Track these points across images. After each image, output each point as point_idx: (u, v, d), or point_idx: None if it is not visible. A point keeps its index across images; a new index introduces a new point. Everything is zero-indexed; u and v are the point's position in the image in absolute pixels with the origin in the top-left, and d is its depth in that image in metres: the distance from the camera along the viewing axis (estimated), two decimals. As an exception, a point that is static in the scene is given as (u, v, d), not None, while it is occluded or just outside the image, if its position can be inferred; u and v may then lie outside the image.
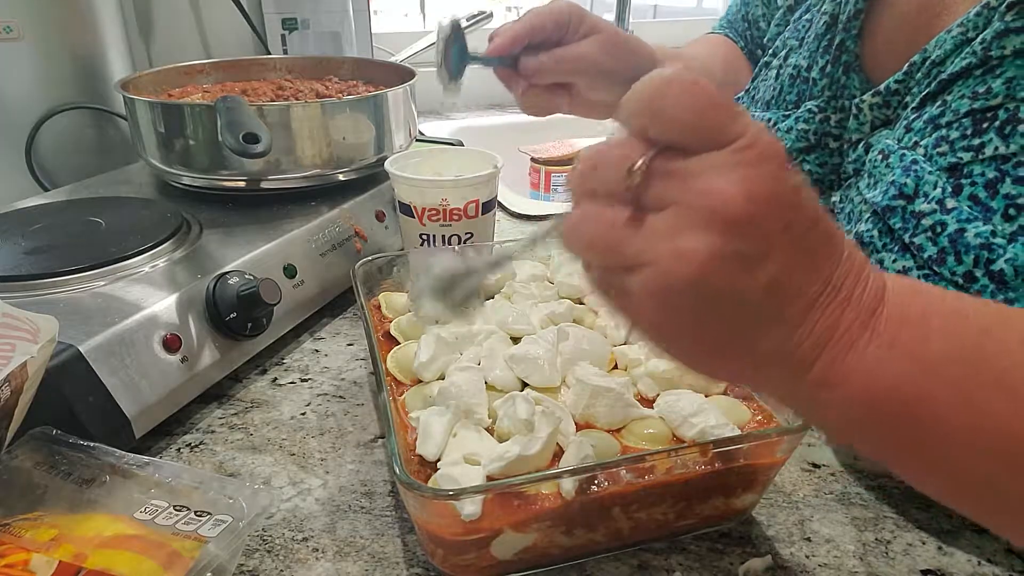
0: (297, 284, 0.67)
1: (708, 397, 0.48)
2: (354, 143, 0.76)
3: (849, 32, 0.59)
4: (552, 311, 0.57)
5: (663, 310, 0.30)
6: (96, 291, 0.56)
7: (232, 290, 0.59)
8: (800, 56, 0.63)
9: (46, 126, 0.86)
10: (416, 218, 0.69)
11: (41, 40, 0.84)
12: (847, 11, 0.59)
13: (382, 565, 0.45)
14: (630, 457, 0.42)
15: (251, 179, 0.74)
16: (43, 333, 0.43)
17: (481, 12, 1.22)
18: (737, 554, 0.46)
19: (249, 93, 0.84)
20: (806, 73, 0.62)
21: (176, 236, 0.64)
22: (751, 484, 0.46)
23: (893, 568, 0.45)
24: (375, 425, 0.58)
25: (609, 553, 0.45)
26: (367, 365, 0.66)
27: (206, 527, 0.40)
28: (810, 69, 0.62)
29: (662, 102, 0.28)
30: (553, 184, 1.33)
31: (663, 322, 0.31)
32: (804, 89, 0.62)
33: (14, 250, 0.61)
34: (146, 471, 0.44)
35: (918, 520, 0.49)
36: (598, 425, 0.46)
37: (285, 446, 0.55)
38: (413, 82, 0.83)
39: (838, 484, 0.52)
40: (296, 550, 0.46)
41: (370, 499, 0.50)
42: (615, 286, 0.31)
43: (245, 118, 0.65)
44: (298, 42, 1.14)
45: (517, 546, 0.42)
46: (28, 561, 0.37)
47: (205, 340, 0.58)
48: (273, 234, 0.68)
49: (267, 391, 0.62)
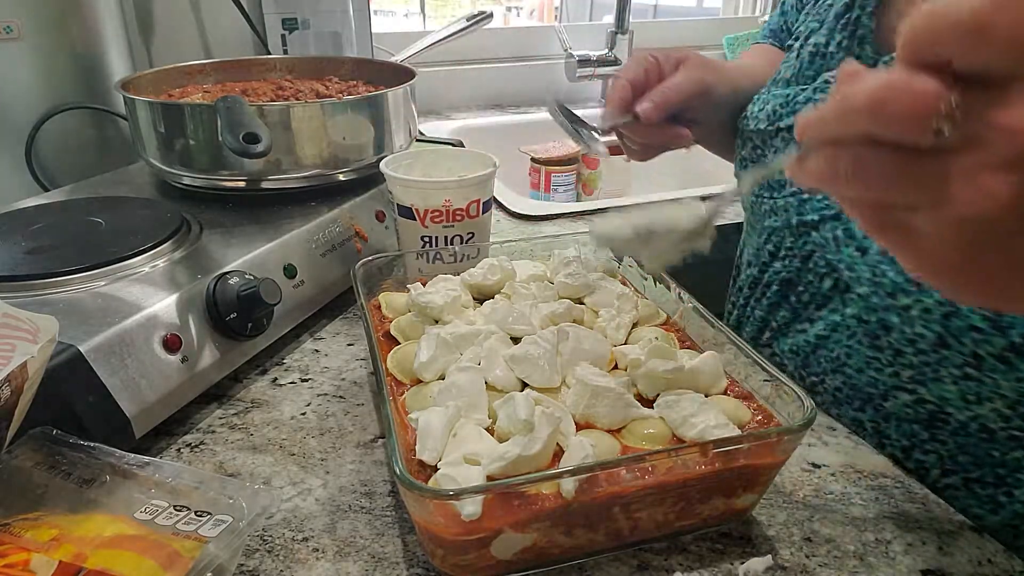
0: (297, 284, 0.67)
1: (708, 397, 0.49)
2: (354, 143, 0.76)
3: (864, 9, 0.61)
4: (552, 311, 0.57)
5: (959, 247, 0.28)
6: (96, 291, 0.56)
7: (232, 290, 0.59)
8: (819, 35, 0.66)
9: (46, 126, 0.86)
10: (418, 220, 0.69)
11: (41, 40, 0.84)
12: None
13: (382, 565, 0.45)
14: (630, 457, 0.42)
15: (251, 179, 0.74)
16: (43, 333, 0.43)
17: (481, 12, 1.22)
18: (737, 554, 0.46)
19: (249, 93, 0.84)
20: (824, 49, 0.65)
21: (176, 236, 0.64)
22: (751, 484, 0.46)
23: (893, 568, 0.45)
24: (375, 425, 0.58)
25: (609, 553, 0.45)
26: (367, 365, 0.66)
27: (206, 527, 0.40)
28: (827, 45, 0.64)
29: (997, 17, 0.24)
30: (553, 184, 1.33)
31: (958, 259, 0.29)
32: (822, 64, 0.65)
33: (14, 250, 0.61)
34: (146, 471, 0.44)
35: (918, 520, 0.49)
36: (598, 425, 0.46)
37: (285, 446, 0.55)
38: (413, 82, 0.83)
39: (838, 484, 0.52)
40: (296, 550, 0.46)
41: (370, 499, 0.50)
42: (899, 224, 0.30)
43: (245, 118, 0.65)
44: (298, 42, 1.14)
45: (517, 546, 0.42)
46: (28, 561, 0.37)
47: (205, 340, 0.58)
48: (273, 234, 0.68)
49: (267, 391, 0.62)
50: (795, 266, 0.65)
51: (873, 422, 0.60)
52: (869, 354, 0.58)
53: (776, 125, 0.67)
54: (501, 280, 0.62)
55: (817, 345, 0.63)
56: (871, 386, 0.59)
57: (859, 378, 0.60)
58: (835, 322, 0.61)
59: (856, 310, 0.59)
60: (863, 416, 0.60)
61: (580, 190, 1.36)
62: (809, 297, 0.64)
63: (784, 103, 0.66)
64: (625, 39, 1.51)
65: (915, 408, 0.56)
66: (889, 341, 0.56)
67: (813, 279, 0.63)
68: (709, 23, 1.85)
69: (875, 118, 0.28)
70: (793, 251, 0.65)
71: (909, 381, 0.56)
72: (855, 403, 0.61)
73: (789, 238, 0.65)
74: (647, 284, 0.63)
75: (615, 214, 0.46)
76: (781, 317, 0.68)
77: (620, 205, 1.03)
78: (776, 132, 0.67)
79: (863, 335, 0.58)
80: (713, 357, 0.50)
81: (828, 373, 0.63)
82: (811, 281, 0.64)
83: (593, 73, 1.53)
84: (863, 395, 0.60)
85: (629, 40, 1.51)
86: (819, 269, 0.62)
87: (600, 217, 0.47)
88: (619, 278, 0.65)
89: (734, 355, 0.51)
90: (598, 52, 1.52)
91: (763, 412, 0.48)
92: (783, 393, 0.46)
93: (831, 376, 0.62)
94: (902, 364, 0.55)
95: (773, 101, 0.67)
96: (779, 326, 0.68)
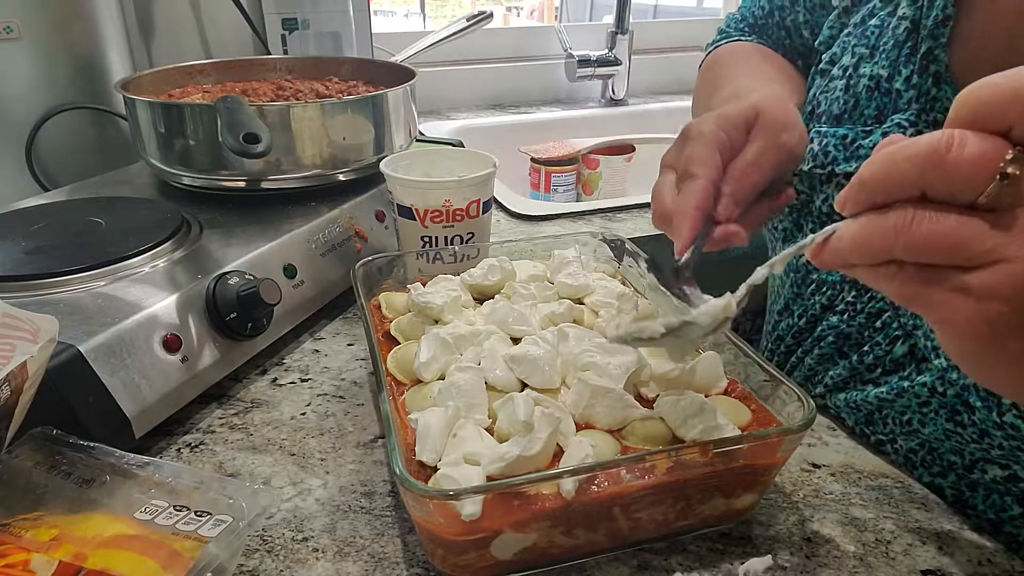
0: (297, 284, 0.67)
1: (708, 397, 0.48)
2: (354, 143, 0.76)
3: (937, 40, 0.53)
4: (552, 311, 0.57)
5: (1011, 310, 0.29)
6: (96, 291, 0.56)
7: (232, 290, 0.59)
8: (877, 66, 0.57)
9: (46, 126, 0.86)
10: (418, 220, 0.69)
11: (41, 40, 0.84)
12: (933, 16, 0.53)
13: (382, 565, 0.45)
14: (630, 457, 0.42)
15: (251, 179, 0.74)
16: (43, 333, 0.43)
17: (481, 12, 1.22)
18: (737, 554, 0.46)
19: (249, 93, 0.84)
20: (887, 84, 0.56)
21: (176, 236, 0.64)
22: (751, 484, 0.46)
23: (893, 568, 0.45)
24: (375, 425, 0.58)
25: (609, 553, 0.45)
26: (367, 365, 0.66)
27: (206, 527, 0.40)
28: (891, 80, 0.56)
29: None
30: (553, 184, 1.33)
31: (1004, 325, 0.29)
32: (886, 102, 0.56)
33: (14, 250, 0.61)
34: (146, 471, 0.44)
35: (918, 520, 0.49)
36: (598, 425, 0.46)
37: (285, 446, 0.55)
38: (413, 82, 0.83)
39: (838, 484, 0.52)
40: (296, 550, 0.46)
41: (370, 499, 0.50)
42: (947, 286, 0.30)
43: (245, 118, 0.66)
44: (298, 42, 1.14)
45: (517, 546, 0.42)
46: (28, 561, 0.37)
47: (205, 340, 0.58)
48: (273, 234, 0.68)
49: (267, 391, 0.62)
50: (857, 322, 0.59)
51: (955, 489, 0.54)
52: (948, 427, 0.52)
53: (830, 169, 0.57)
54: (501, 280, 0.62)
55: (882, 406, 0.57)
56: (955, 454, 0.53)
57: (940, 445, 0.54)
58: (903, 387, 0.55)
59: (930, 380, 0.52)
60: (943, 482, 0.55)
61: (580, 190, 1.37)
62: (874, 360, 0.58)
63: (840, 145, 0.57)
64: (625, 39, 1.51)
65: (1007, 485, 0.51)
66: (973, 420, 0.50)
67: (882, 341, 0.57)
68: (709, 23, 1.85)
69: (936, 168, 0.29)
70: (855, 307, 0.59)
71: (1001, 457, 0.50)
72: (934, 468, 0.55)
73: (850, 293, 0.59)
74: (647, 284, 0.63)
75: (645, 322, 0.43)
76: (837, 374, 0.61)
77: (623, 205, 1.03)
78: (830, 177, 0.58)
79: (939, 407, 0.52)
80: (713, 357, 0.50)
81: (900, 435, 0.56)
82: (879, 343, 0.57)
83: (593, 73, 1.53)
84: (944, 462, 0.54)
85: (629, 40, 1.51)
86: (891, 331, 0.56)
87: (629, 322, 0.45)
88: (619, 278, 0.65)
89: (734, 355, 0.51)
90: (598, 52, 1.52)
91: (763, 412, 0.48)
92: (783, 393, 0.46)
93: (903, 438, 0.56)
94: (990, 444, 0.50)
95: (824, 140, 0.58)
96: (835, 382, 0.62)
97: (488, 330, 0.53)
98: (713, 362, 0.50)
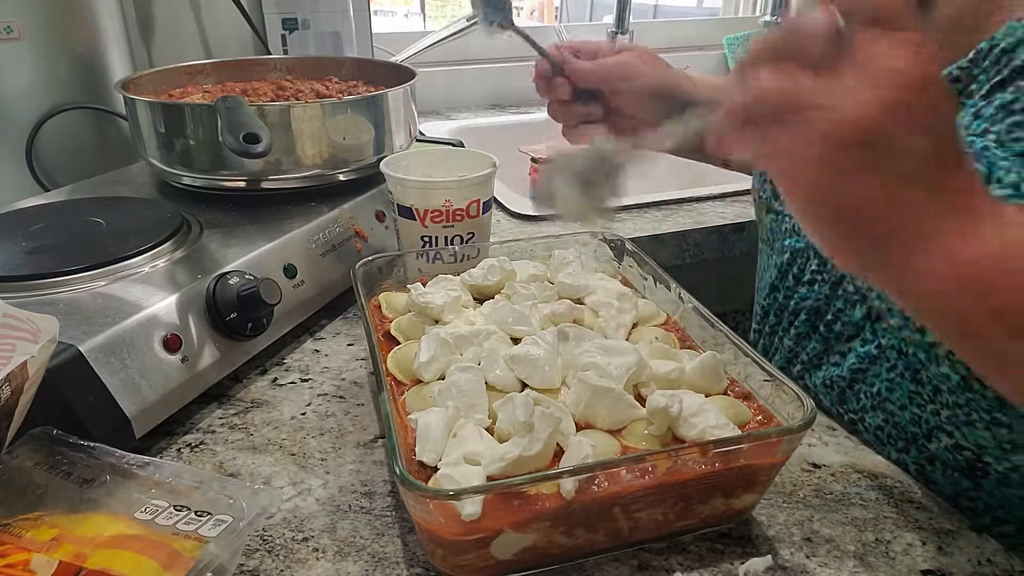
0: (297, 284, 0.67)
1: (708, 397, 0.48)
2: (354, 143, 0.76)
3: None
4: (552, 311, 0.57)
5: (824, 158, 0.33)
6: (96, 291, 0.56)
7: (232, 290, 0.59)
8: None
9: (46, 126, 0.86)
10: (418, 220, 0.69)
11: (41, 40, 0.84)
12: None
13: (382, 565, 0.45)
14: (630, 457, 0.42)
15: (251, 179, 0.74)
16: (43, 333, 0.43)
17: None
18: (737, 554, 0.46)
19: (249, 93, 0.84)
20: None
21: (176, 236, 0.65)
22: (751, 484, 0.46)
23: (893, 568, 0.45)
24: (375, 425, 0.58)
25: (609, 553, 0.45)
26: (367, 365, 0.66)
27: (206, 527, 0.40)
28: None
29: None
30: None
31: (819, 172, 0.34)
32: None
33: (14, 250, 0.61)
34: (146, 471, 0.44)
35: (918, 520, 0.49)
36: (598, 425, 0.46)
37: (285, 446, 0.55)
38: (413, 82, 0.83)
39: (838, 484, 0.52)
40: (296, 550, 0.46)
41: (370, 499, 0.50)
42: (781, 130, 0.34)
43: (245, 118, 0.66)
44: (298, 42, 1.14)
45: (517, 546, 0.42)
46: (28, 561, 0.37)
47: (205, 340, 0.58)
48: (273, 234, 0.68)
49: (267, 391, 0.62)
50: (824, 293, 0.62)
51: (917, 464, 0.57)
52: (912, 388, 0.55)
53: None
54: (501, 280, 0.62)
55: (854, 379, 0.60)
56: (914, 424, 0.56)
57: (902, 416, 0.57)
58: (871, 354, 0.58)
59: (895, 340, 0.55)
60: (907, 457, 0.57)
61: (580, 190, 1.36)
62: (840, 327, 0.61)
63: None
64: (625, 39, 1.51)
65: (955, 454, 0.53)
66: (928, 376, 0.53)
67: (844, 307, 0.60)
68: (709, 23, 1.85)
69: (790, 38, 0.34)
70: (821, 275, 0.62)
71: (947, 423, 0.53)
72: (898, 443, 0.58)
73: (815, 260, 0.63)
74: (647, 284, 0.63)
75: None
76: (811, 349, 0.65)
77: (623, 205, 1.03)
78: None
79: (904, 368, 0.55)
80: (713, 357, 0.50)
81: (868, 410, 0.59)
82: (841, 309, 0.60)
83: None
84: (906, 435, 0.57)
85: (629, 40, 1.51)
86: (850, 296, 0.59)
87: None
88: (619, 278, 0.65)
89: (734, 355, 0.51)
90: (598, 52, 1.51)
91: (763, 412, 0.48)
92: (783, 393, 0.46)
93: (871, 413, 0.59)
94: (941, 403, 0.53)
95: None
96: (810, 358, 0.65)
97: (488, 330, 0.53)
98: (713, 362, 0.50)
